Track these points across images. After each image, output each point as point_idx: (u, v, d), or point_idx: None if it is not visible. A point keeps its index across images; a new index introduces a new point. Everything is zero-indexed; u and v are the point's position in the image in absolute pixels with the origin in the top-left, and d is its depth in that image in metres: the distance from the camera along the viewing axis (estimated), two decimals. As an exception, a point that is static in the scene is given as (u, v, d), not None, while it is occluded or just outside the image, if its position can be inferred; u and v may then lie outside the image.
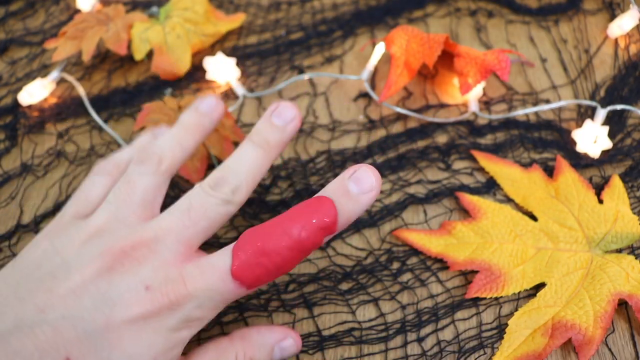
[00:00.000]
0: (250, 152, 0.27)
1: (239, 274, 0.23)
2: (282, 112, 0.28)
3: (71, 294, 0.22)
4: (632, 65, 0.40)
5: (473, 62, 0.35)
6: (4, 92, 0.43)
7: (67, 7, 0.49)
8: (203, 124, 0.29)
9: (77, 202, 0.27)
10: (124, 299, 0.22)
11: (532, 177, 0.34)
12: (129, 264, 0.23)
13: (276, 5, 0.47)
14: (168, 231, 0.24)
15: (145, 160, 0.27)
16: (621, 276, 0.29)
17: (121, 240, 0.24)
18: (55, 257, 0.24)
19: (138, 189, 0.26)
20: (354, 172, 0.24)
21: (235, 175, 0.26)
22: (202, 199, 0.25)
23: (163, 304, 0.22)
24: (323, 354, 0.29)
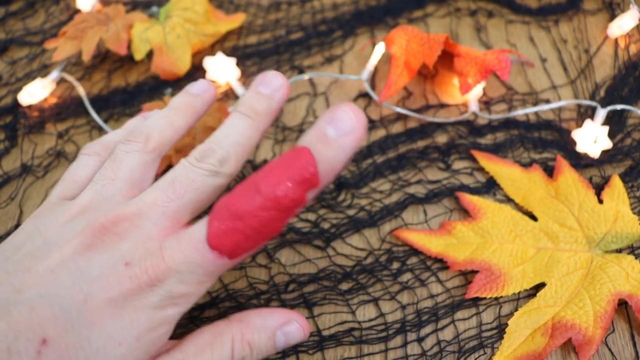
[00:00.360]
0: (237, 121, 0.25)
1: (215, 242, 0.21)
2: (268, 81, 0.26)
3: (49, 273, 0.21)
4: (632, 65, 0.40)
5: (473, 62, 0.35)
6: (4, 92, 0.43)
7: (67, 7, 0.49)
8: (194, 105, 0.28)
9: (64, 183, 0.26)
10: (102, 276, 0.21)
11: (532, 177, 0.34)
12: (109, 240, 0.22)
13: (276, 5, 0.47)
14: (152, 205, 0.23)
15: (132, 138, 0.26)
16: (621, 276, 0.29)
17: (102, 216, 0.23)
18: (37, 237, 0.23)
19: (124, 167, 0.25)
20: (332, 114, 0.22)
21: (222, 146, 0.24)
22: (187, 170, 0.24)
23: (143, 280, 0.21)
24: (323, 354, 0.29)
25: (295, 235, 0.33)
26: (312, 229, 0.33)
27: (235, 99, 0.41)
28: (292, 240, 0.33)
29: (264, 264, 0.32)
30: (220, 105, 0.38)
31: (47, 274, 0.21)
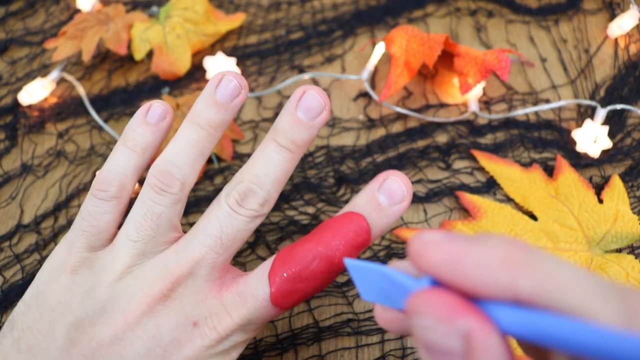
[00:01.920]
0: (276, 156, 0.24)
1: (278, 302, 0.23)
2: (309, 103, 0.24)
3: (118, 341, 0.22)
4: (632, 65, 0.40)
5: (473, 62, 0.35)
6: (4, 92, 0.43)
7: (67, 7, 0.49)
8: (225, 119, 0.25)
9: (87, 234, 0.24)
10: (175, 338, 0.22)
11: (532, 177, 0.34)
12: (171, 304, 0.23)
13: (276, 5, 0.47)
14: (201, 262, 0.23)
15: (166, 188, 0.24)
16: (621, 276, 0.29)
17: (158, 281, 0.23)
18: (86, 299, 0.23)
19: (162, 221, 0.24)
20: (383, 181, 0.23)
21: (263, 187, 0.24)
22: (231, 219, 0.23)
23: (212, 337, 0.23)
24: (320, 345, 0.29)
25: (295, 228, 0.33)
26: (311, 221, 0.34)
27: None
28: (292, 232, 0.33)
29: (263, 257, 0.32)
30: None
31: (116, 342, 0.22)
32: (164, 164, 0.24)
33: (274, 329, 0.30)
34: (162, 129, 0.26)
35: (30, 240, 0.34)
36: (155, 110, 0.26)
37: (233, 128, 0.37)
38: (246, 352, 0.29)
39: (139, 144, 0.26)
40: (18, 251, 0.34)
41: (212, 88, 0.25)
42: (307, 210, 0.34)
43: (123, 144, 0.26)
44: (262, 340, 0.30)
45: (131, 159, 0.25)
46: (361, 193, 0.24)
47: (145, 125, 0.26)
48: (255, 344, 0.29)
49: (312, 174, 0.36)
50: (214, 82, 0.25)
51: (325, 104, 0.24)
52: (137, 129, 0.26)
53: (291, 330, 0.30)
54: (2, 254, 0.34)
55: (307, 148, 0.25)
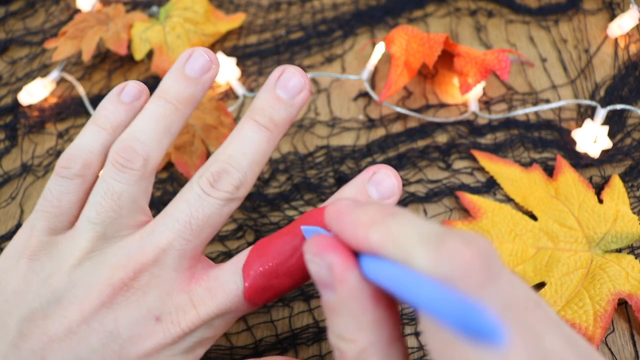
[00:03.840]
0: (253, 134, 0.22)
1: (251, 296, 0.21)
2: (288, 81, 0.23)
3: (71, 335, 0.20)
4: (632, 65, 0.40)
5: (473, 62, 0.35)
6: (4, 92, 0.43)
7: (67, 7, 0.49)
8: (194, 95, 0.24)
9: (48, 215, 0.23)
10: (134, 334, 0.21)
11: (532, 177, 0.34)
12: (133, 295, 0.21)
13: (276, 5, 0.47)
14: (168, 249, 0.21)
15: (128, 164, 0.22)
16: (621, 276, 0.29)
17: (119, 269, 0.21)
18: (42, 288, 0.21)
19: (125, 202, 0.22)
20: (373, 174, 0.22)
21: (238, 167, 0.22)
22: (202, 202, 0.22)
23: (176, 333, 0.21)
24: (320, 345, 0.29)
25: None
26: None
27: (235, 98, 0.41)
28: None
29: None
30: (219, 104, 0.38)
31: (69, 336, 0.20)
32: (127, 140, 0.23)
33: (274, 329, 0.30)
34: (136, 108, 0.24)
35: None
36: (130, 89, 0.25)
37: (233, 128, 0.37)
38: (246, 352, 0.29)
39: (109, 121, 0.24)
40: (18, 251, 0.34)
41: (181, 62, 0.24)
42: (307, 210, 0.34)
43: (93, 122, 0.24)
44: (262, 340, 0.30)
45: (100, 137, 0.24)
46: (350, 184, 0.23)
47: (118, 104, 0.24)
48: (255, 344, 0.29)
49: (312, 174, 0.36)
50: (184, 57, 0.24)
51: (305, 83, 0.23)
52: (109, 106, 0.24)
53: (291, 330, 0.30)
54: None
55: (286, 129, 0.23)
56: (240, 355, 0.29)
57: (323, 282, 0.16)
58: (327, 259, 0.16)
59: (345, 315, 0.16)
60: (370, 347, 0.15)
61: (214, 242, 0.33)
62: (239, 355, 0.29)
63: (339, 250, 0.16)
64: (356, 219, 0.16)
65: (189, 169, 0.35)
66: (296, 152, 0.37)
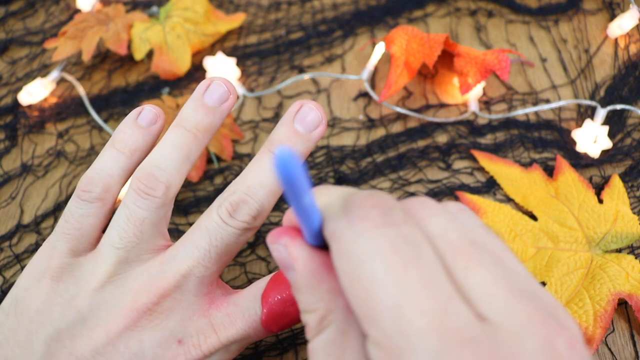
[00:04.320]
0: (271, 167, 0.23)
1: (269, 323, 0.23)
2: (306, 116, 0.24)
3: (98, 355, 0.21)
4: (632, 65, 0.40)
5: (473, 62, 0.35)
6: (4, 92, 0.43)
7: (67, 7, 0.49)
8: (212, 124, 0.25)
9: (69, 237, 0.24)
10: (157, 356, 0.22)
11: (532, 177, 0.34)
12: (156, 319, 0.22)
13: (276, 5, 0.47)
14: (189, 275, 0.22)
15: (150, 192, 0.23)
16: (621, 276, 0.29)
17: (142, 293, 0.22)
18: (67, 308, 0.22)
19: (147, 228, 0.23)
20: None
21: (256, 198, 0.23)
22: (222, 231, 0.22)
23: (197, 355, 0.22)
24: None
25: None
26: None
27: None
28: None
29: (264, 257, 0.32)
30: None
31: (96, 357, 0.21)
32: (148, 167, 0.24)
33: (274, 329, 0.30)
34: (153, 132, 0.26)
35: (30, 240, 0.34)
36: (146, 113, 0.26)
37: (233, 128, 0.37)
38: (246, 352, 0.29)
39: (127, 145, 0.25)
40: (18, 251, 0.34)
41: (200, 92, 0.25)
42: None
43: (111, 146, 0.25)
44: (262, 340, 0.30)
45: (119, 161, 0.25)
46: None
47: (136, 128, 0.25)
48: (256, 344, 0.29)
49: (312, 174, 0.36)
50: (203, 87, 0.25)
51: (322, 118, 0.24)
52: (127, 130, 0.25)
53: (291, 330, 0.30)
54: (2, 254, 0.34)
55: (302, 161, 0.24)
56: (240, 356, 0.29)
57: (285, 265, 0.18)
58: (281, 241, 0.17)
59: (304, 290, 0.17)
60: (329, 314, 0.16)
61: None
62: (239, 355, 0.29)
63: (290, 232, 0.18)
64: None
65: (189, 169, 0.35)
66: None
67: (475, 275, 0.15)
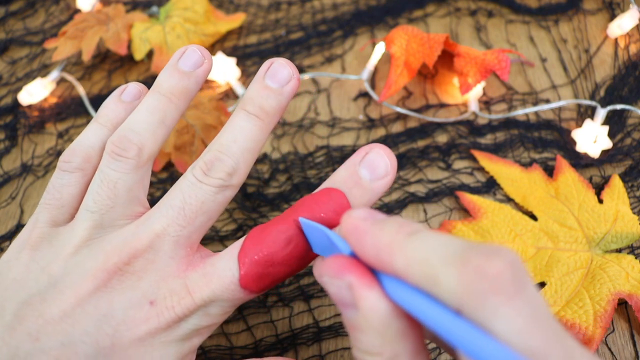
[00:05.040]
0: (244, 123, 0.23)
1: (247, 283, 0.21)
2: (276, 72, 0.24)
3: (67, 317, 0.21)
4: (632, 65, 0.40)
5: (473, 62, 0.36)
6: (4, 92, 0.43)
7: (67, 7, 0.49)
8: (188, 88, 0.25)
9: (50, 207, 0.24)
10: (128, 318, 0.21)
11: (532, 177, 0.34)
12: (127, 280, 0.21)
13: (276, 5, 0.47)
14: (163, 235, 0.22)
15: (122, 152, 0.23)
16: (621, 276, 0.29)
17: (114, 254, 0.22)
18: (41, 274, 0.22)
19: (120, 190, 0.23)
20: (366, 154, 0.22)
21: (230, 154, 0.22)
22: (196, 189, 0.22)
23: (170, 318, 0.21)
24: (320, 346, 0.29)
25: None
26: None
27: (235, 98, 0.41)
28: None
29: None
30: (219, 104, 0.38)
31: (64, 319, 0.21)
32: (122, 131, 0.24)
33: (274, 329, 0.30)
34: (135, 107, 0.25)
35: (30, 240, 0.34)
36: (130, 89, 0.26)
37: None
38: (246, 352, 0.29)
39: (109, 119, 0.25)
40: (18, 251, 0.34)
41: (175, 59, 0.25)
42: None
43: (95, 121, 0.25)
44: (262, 340, 0.30)
45: (100, 134, 0.25)
46: (342, 167, 0.22)
47: (119, 103, 0.26)
48: (256, 344, 0.29)
49: (312, 174, 0.36)
50: (178, 54, 0.25)
51: (294, 72, 0.24)
52: (110, 105, 0.26)
53: (291, 330, 0.30)
54: (2, 254, 0.34)
55: (277, 117, 0.24)
56: (240, 355, 0.29)
57: (344, 302, 0.16)
58: (346, 280, 0.16)
59: (368, 331, 0.16)
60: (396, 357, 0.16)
61: (214, 242, 0.33)
62: (239, 355, 0.29)
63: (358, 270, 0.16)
64: (376, 240, 0.16)
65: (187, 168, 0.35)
66: (296, 153, 0.37)
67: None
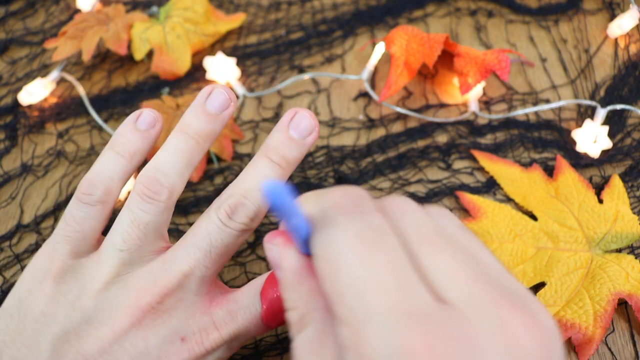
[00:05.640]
0: (267, 171, 0.24)
1: (268, 319, 0.23)
2: (300, 123, 0.25)
3: (105, 354, 0.22)
4: (632, 65, 0.40)
5: (473, 62, 0.35)
6: (4, 92, 0.43)
7: (67, 7, 0.49)
8: (214, 130, 0.26)
9: (70, 239, 0.24)
10: (162, 353, 0.22)
11: (532, 177, 0.34)
12: (159, 317, 0.23)
13: (276, 5, 0.47)
14: (190, 275, 0.23)
15: (154, 196, 0.24)
16: (621, 276, 0.29)
17: (146, 293, 0.23)
18: (71, 309, 0.22)
19: (149, 231, 0.24)
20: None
21: (254, 201, 0.24)
22: (221, 232, 0.23)
23: (200, 352, 0.23)
24: None
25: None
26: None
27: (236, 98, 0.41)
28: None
29: (263, 257, 0.32)
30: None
31: (103, 355, 0.22)
32: (152, 172, 0.24)
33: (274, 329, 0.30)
34: (152, 136, 0.26)
35: (30, 240, 0.34)
36: (145, 117, 0.26)
37: (233, 128, 0.38)
38: (246, 352, 0.29)
39: (127, 149, 0.25)
40: (18, 251, 0.34)
41: (202, 99, 0.26)
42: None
43: (111, 149, 0.26)
44: (262, 340, 0.30)
45: (118, 164, 0.25)
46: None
47: (135, 131, 0.26)
48: (256, 344, 0.29)
49: (312, 174, 0.36)
50: (204, 94, 0.26)
51: (315, 124, 0.25)
52: (126, 134, 0.26)
53: (291, 330, 0.30)
54: (2, 254, 0.34)
55: (296, 166, 0.26)
56: (240, 355, 0.29)
57: (275, 263, 0.19)
58: (275, 242, 0.19)
59: (288, 288, 0.18)
60: (309, 313, 0.18)
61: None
62: (239, 355, 0.29)
63: (284, 235, 0.19)
64: None
65: (189, 169, 0.35)
66: None
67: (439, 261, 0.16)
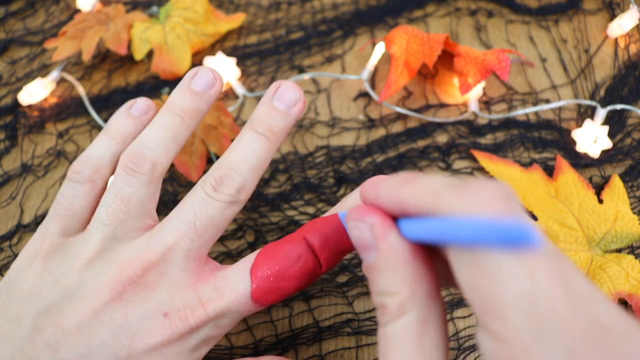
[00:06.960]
0: (253, 143, 0.24)
1: (258, 297, 0.23)
2: (284, 94, 0.25)
3: (83, 328, 0.21)
4: (632, 65, 0.40)
5: (473, 62, 0.35)
6: (4, 92, 0.43)
7: (67, 7, 0.49)
8: (199, 108, 0.26)
9: (60, 217, 0.25)
10: (143, 328, 0.22)
11: (532, 177, 0.34)
12: (141, 291, 0.22)
13: (276, 5, 0.47)
14: (174, 248, 0.23)
15: (137, 168, 0.24)
16: (621, 276, 0.29)
17: (127, 266, 0.22)
18: (55, 285, 0.22)
19: (133, 204, 0.24)
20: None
21: (239, 172, 0.24)
22: (206, 204, 0.23)
23: (184, 329, 0.22)
24: (320, 345, 0.29)
25: (295, 228, 0.33)
26: (311, 227, 0.34)
27: (235, 98, 0.41)
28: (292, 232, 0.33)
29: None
30: (219, 104, 0.38)
31: (81, 330, 0.22)
32: (136, 147, 0.25)
33: (274, 329, 0.30)
34: (144, 121, 0.27)
35: (30, 240, 0.34)
36: (139, 104, 0.27)
37: (233, 128, 0.37)
38: (246, 352, 0.29)
39: (119, 132, 0.26)
40: (18, 251, 0.34)
41: (188, 79, 0.26)
42: (307, 210, 0.34)
43: (104, 133, 0.26)
44: (262, 340, 0.30)
45: (110, 146, 0.26)
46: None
47: (128, 117, 0.27)
48: (255, 344, 0.29)
49: (312, 174, 0.36)
50: (190, 74, 0.26)
51: (300, 95, 0.25)
52: (120, 119, 0.27)
53: (291, 330, 0.30)
54: (2, 254, 0.34)
55: (283, 137, 0.25)
56: (240, 355, 0.29)
57: (365, 244, 0.18)
58: (368, 221, 0.18)
59: (387, 272, 0.17)
60: (411, 299, 0.17)
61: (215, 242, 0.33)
62: (239, 355, 0.29)
63: (378, 212, 0.18)
64: (388, 184, 0.18)
65: (189, 169, 0.35)
66: (296, 153, 0.37)
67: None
